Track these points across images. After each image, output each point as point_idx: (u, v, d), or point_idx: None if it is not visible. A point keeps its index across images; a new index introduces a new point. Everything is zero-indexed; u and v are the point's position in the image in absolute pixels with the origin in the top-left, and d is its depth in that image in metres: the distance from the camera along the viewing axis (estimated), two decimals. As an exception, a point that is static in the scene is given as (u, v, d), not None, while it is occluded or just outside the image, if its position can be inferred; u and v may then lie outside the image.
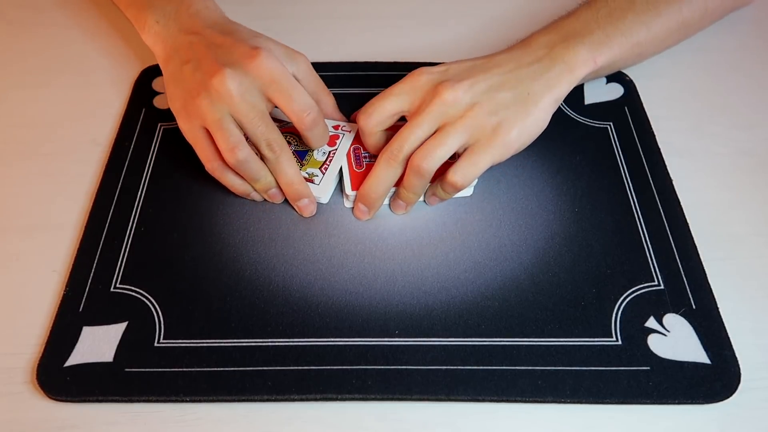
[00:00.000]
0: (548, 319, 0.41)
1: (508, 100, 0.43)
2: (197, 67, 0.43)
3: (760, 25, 0.61)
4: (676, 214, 0.46)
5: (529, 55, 0.45)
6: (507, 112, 0.42)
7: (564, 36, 0.46)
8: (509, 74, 0.44)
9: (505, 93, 0.43)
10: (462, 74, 0.43)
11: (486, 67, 0.44)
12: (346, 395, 0.38)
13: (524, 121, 0.43)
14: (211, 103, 0.41)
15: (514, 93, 0.43)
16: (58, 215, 0.46)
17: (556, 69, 0.44)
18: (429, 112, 0.42)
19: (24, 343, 0.40)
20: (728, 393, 0.38)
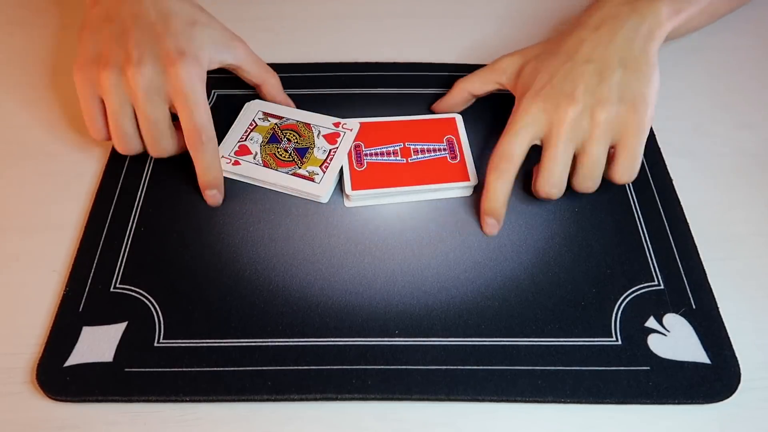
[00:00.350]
0: (548, 319, 0.41)
1: (622, 78, 0.42)
2: (118, 37, 0.43)
3: (760, 25, 0.61)
4: (676, 214, 0.46)
5: (614, 18, 0.44)
6: (631, 91, 0.42)
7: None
8: (609, 50, 0.42)
9: (616, 74, 0.42)
10: (567, 78, 0.42)
11: (584, 54, 0.43)
12: (346, 395, 0.38)
13: (649, 86, 0.42)
14: (116, 86, 0.42)
15: (624, 67, 0.42)
16: (58, 215, 0.46)
17: (647, 24, 0.43)
18: (563, 141, 0.41)
19: (24, 343, 0.40)
20: (728, 393, 0.38)
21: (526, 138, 0.42)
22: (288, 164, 0.46)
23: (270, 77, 0.50)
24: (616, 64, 0.42)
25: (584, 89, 0.41)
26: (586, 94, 0.41)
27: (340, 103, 0.52)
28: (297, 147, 0.47)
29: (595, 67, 0.42)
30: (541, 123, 0.42)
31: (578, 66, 0.42)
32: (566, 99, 0.41)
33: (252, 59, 0.49)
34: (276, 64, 0.55)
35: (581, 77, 0.42)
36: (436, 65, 0.56)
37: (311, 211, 0.46)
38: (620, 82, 0.42)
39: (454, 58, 0.57)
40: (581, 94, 0.41)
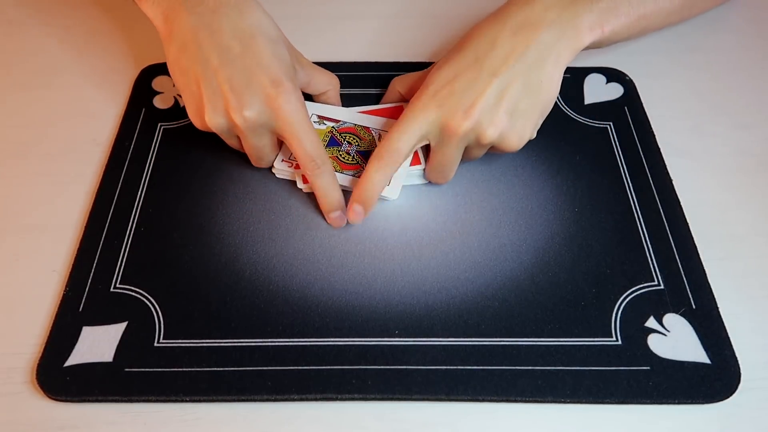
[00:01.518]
0: (548, 319, 0.41)
1: (518, 97, 0.42)
2: (207, 75, 0.42)
3: (760, 25, 0.61)
4: (676, 214, 0.46)
5: (536, 22, 0.43)
6: (521, 112, 0.42)
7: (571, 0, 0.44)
8: (516, 66, 0.42)
9: (514, 92, 0.42)
10: (469, 89, 0.42)
11: (492, 65, 0.42)
12: (345, 395, 0.38)
13: (538, 111, 0.43)
14: (220, 128, 0.43)
15: (525, 87, 0.42)
16: (58, 215, 0.46)
17: (565, 38, 0.43)
18: (452, 147, 0.43)
19: (24, 343, 0.40)
20: (728, 393, 0.38)
21: (415, 137, 0.43)
22: (353, 167, 0.46)
23: (335, 81, 0.50)
24: (519, 84, 0.42)
25: (482, 107, 0.41)
26: (482, 112, 0.41)
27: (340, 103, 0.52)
28: (359, 150, 0.47)
29: (499, 85, 0.42)
30: (434, 127, 0.42)
31: (483, 78, 0.42)
32: (463, 113, 0.41)
33: (317, 70, 0.48)
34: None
35: (482, 92, 0.41)
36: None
37: (311, 211, 0.46)
38: (516, 103, 0.42)
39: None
40: (478, 112, 0.41)
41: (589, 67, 0.56)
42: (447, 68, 0.43)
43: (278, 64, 0.42)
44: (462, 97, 0.42)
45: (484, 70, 0.42)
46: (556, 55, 0.43)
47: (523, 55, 0.42)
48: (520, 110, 0.42)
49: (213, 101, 0.42)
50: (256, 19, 0.43)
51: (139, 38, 0.59)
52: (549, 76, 0.43)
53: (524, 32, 0.43)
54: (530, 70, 0.42)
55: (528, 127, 0.43)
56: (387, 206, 0.46)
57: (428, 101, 0.42)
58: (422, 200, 0.47)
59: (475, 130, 0.42)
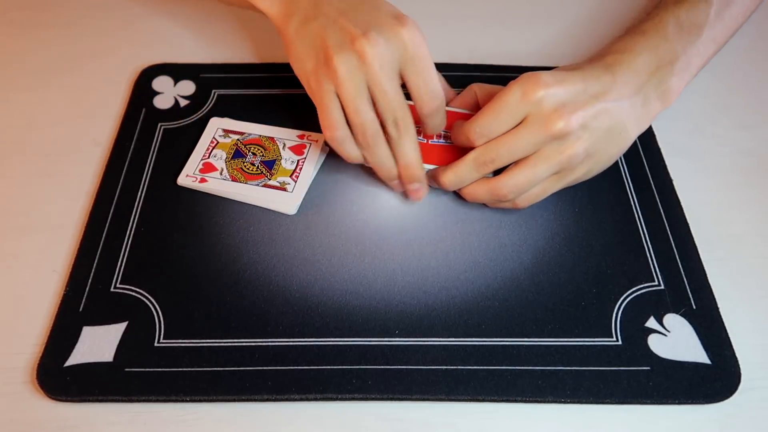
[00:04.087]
0: (548, 319, 0.41)
1: (603, 133, 0.41)
2: (329, 25, 0.40)
3: (760, 25, 0.61)
4: (677, 214, 0.46)
5: (633, 80, 0.43)
6: (599, 151, 0.42)
7: (659, 59, 0.44)
8: (614, 104, 0.41)
9: (603, 124, 0.41)
10: (578, 102, 0.40)
11: (600, 93, 0.41)
12: (346, 395, 0.38)
13: (610, 160, 0.43)
14: (350, 71, 0.39)
15: (611, 127, 0.42)
16: (58, 215, 0.46)
17: (652, 103, 0.43)
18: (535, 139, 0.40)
19: (24, 343, 0.40)
20: (728, 393, 0.38)
21: (507, 120, 0.40)
22: (257, 177, 0.47)
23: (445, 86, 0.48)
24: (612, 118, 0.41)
25: (579, 118, 0.40)
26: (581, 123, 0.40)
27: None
28: (264, 160, 0.47)
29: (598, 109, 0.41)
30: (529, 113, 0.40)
31: (587, 95, 0.41)
32: (560, 115, 0.39)
33: None
34: (276, 64, 0.55)
35: (584, 105, 0.40)
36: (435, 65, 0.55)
37: (311, 211, 0.46)
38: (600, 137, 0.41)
39: (454, 58, 0.57)
40: (581, 120, 0.40)
41: (589, 67, 0.56)
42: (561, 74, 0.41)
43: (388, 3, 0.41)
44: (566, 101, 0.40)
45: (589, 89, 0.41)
46: (640, 117, 0.43)
47: (622, 100, 0.42)
48: (596, 147, 0.41)
49: (337, 40, 0.39)
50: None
51: (139, 38, 0.59)
52: (628, 131, 0.43)
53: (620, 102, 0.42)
54: (617, 114, 0.42)
55: (596, 168, 0.43)
56: (387, 206, 0.46)
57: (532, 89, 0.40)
58: (422, 200, 0.47)
59: (562, 135, 0.40)
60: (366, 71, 0.39)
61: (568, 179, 0.42)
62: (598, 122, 0.41)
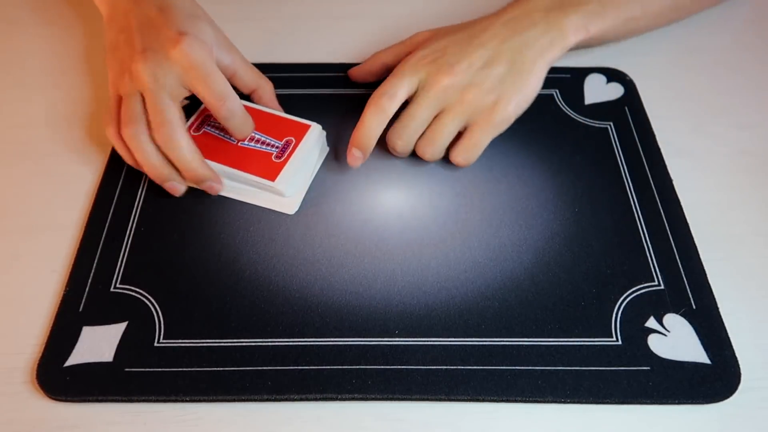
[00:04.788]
0: (548, 319, 0.41)
1: (503, 73, 0.45)
2: (127, 41, 0.44)
3: (759, 25, 0.61)
4: (676, 214, 0.46)
5: (525, 18, 0.47)
6: (503, 87, 0.45)
7: (561, 2, 0.48)
8: (504, 44, 0.46)
9: (500, 67, 0.45)
10: (458, 53, 0.45)
11: (482, 40, 0.46)
12: (345, 395, 0.38)
13: (520, 92, 0.46)
14: (130, 84, 0.43)
15: (510, 64, 0.45)
16: (58, 215, 0.46)
17: (550, 35, 0.46)
18: (427, 100, 0.45)
19: (24, 343, 0.40)
20: (728, 393, 0.38)
21: (409, 85, 0.45)
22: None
23: (264, 83, 0.49)
24: (504, 59, 0.45)
25: (466, 67, 0.45)
26: (466, 71, 0.45)
27: (339, 103, 0.53)
28: None
29: (485, 54, 0.45)
30: (421, 78, 0.45)
31: (472, 47, 0.45)
32: (448, 68, 0.44)
33: (247, 65, 0.48)
34: (276, 64, 0.55)
35: (469, 56, 0.45)
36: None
37: (311, 211, 0.46)
38: (500, 76, 0.45)
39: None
40: (462, 70, 0.44)
41: (590, 67, 0.56)
42: (439, 41, 0.47)
43: (191, 27, 0.43)
44: (450, 59, 0.45)
45: (474, 42, 0.46)
46: (540, 48, 0.46)
47: (511, 39, 0.46)
48: (503, 84, 0.45)
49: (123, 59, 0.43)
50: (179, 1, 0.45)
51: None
52: (533, 63, 0.46)
53: (512, 24, 0.47)
54: (516, 52, 0.45)
55: (507, 104, 0.45)
56: (387, 206, 0.46)
57: (419, 60, 0.46)
58: (422, 200, 0.47)
59: (456, 86, 0.44)
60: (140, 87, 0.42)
61: (491, 128, 0.45)
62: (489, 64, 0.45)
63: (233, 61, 0.47)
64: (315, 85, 0.54)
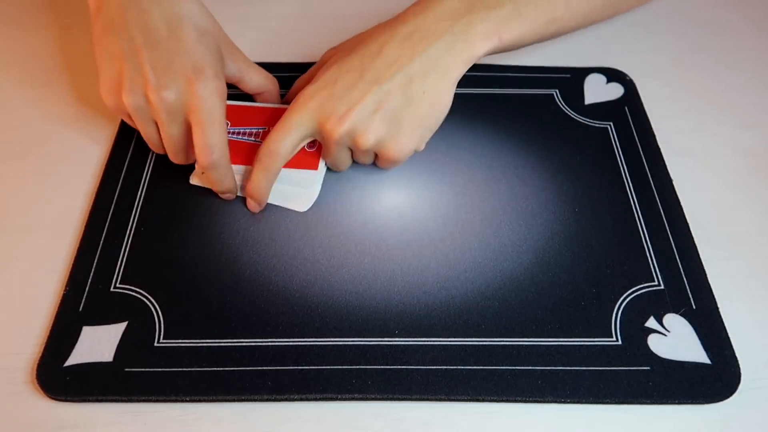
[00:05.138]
0: (548, 319, 0.41)
1: (399, 109, 0.42)
2: (130, 56, 0.41)
3: (759, 25, 0.61)
4: (676, 214, 0.46)
5: (427, 32, 0.42)
6: (400, 125, 0.42)
7: (470, 4, 0.42)
8: (400, 74, 0.41)
9: (395, 104, 0.42)
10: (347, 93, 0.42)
11: (375, 72, 0.42)
12: (345, 395, 0.38)
13: (421, 125, 0.43)
14: (138, 109, 0.42)
15: (405, 100, 0.42)
16: (58, 215, 0.46)
17: (455, 50, 0.42)
18: (334, 149, 0.43)
19: (24, 343, 0.40)
20: (728, 393, 0.38)
21: (294, 139, 0.43)
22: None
23: (271, 84, 0.49)
24: (399, 94, 0.42)
25: (358, 113, 0.41)
26: (358, 118, 0.41)
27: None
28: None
29: (378, 93, 0.41)
30: (312, 128, 0.43)
31: (363, 84, 0.42)
32: (338, 118, 0.41)
33: (253, 68, 0.48)
34: (276, 64, 0.55)
35: (360, 99, 0.41)
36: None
37: (311, 211, 0.46)
38: (395, 113, 0.42)
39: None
40: (352, 118, 0.41)
41: (590, 67, 0.56)
42: (331, 71, 0.43)
43: (203, 52, 0.42)
44: (339, 102, 0.41)
45: (365, 76, 0.42)
46: (443, 68, 0.42)
47: (407, 66, 0.42)
48: (400, 120, 0.42)
49: (132, 79, 0.41)
50: (186, 8, 0.43)
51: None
52: (434, 89, 0.42)
53: (411, 42, 0.42)
54: (412, 81, 0.42)
55: (409, 139, 0.43)
56: (387, 206, 0.46)
57: (306, 102, 0.42)
58: (422, 200, 0.47)
59: (350, 135, 0.42)
60: (153, 115, 0.43)
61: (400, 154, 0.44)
62: (386, 100, 0.41)
63: (239, 69, 0.47)
64: (315, 85, 0.54)
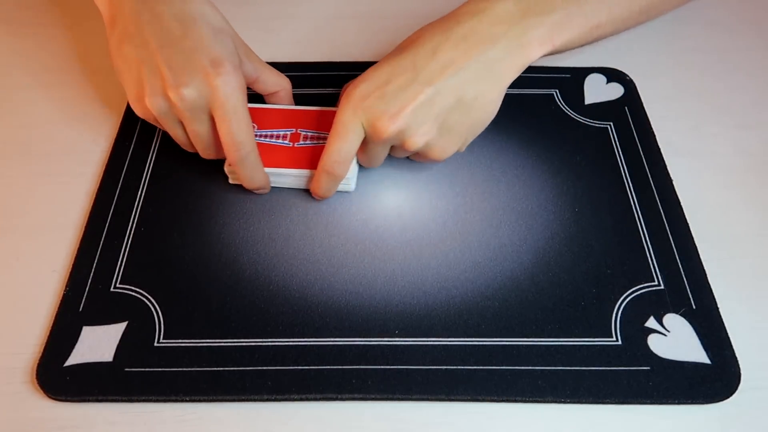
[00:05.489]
0: (548, 319, 0.41)
1: (450, 110, 0.41)
2: (147, 59, 0.41)
3: (759, 25, 0.61)
4: (676, 214, 0.46)
5: (484, 34, 0.41)
6: (450, 127, 0.42)
7: (524, 8, 0.42)
8: (455, 77, 0.41)
9: (447, 104, 0.41)
10: (400, 92, 0.41)
11: (429, 73, 0.41)
12: (346, 395, 0.38)
13: (469, 130, 0.43)
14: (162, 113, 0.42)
15: (459, 101, 0.41)
16: (58, 215, 0.46)
17: (511, 55, 0.41)
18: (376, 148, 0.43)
19: (24, 343, 0.40)
20: (728, 393, 0.38)
21: (354, 142, 0.42)
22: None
23: (285, 83, 0.49)
24: (452, 97, 0.41)
25: (410, 113, 0.40)
26: (410, 118, 0.41)
27: (340, 103, 0.52)
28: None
29: (431, 94, 0.40)
30: (363, 123, 0.41)
31: (417, 85, 0.40)
32: (390, 117, 0.40)
33: (267, 68, 0.48)
34: (276, 64, 0.55)
35: (413, 99, 0.40)
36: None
37: (311, 211, 0.46)
38: (447, 116, 0.41)
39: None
40: (405, 117, 0.40)
41: (590, 67, 0.56)
42: (382, 70, 0.42)
43: (220, 47, 0.42)
44: (392, 101, 0.40)
45: (419, 77, 0.41)
46: (497, 74, 0.42)
47: (462, 69, 0.41)
48: (450, 124, 0.42)
49: (152, 82, 0.41)
50: (198, 7, 0.43)
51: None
52: (485, 94, 0.42)
53: (467, 45, 0.41)
54: (466, 85, 0.41)
55: (455, 142, 0.43)
56: (387, 206, 0.46)
57: (359, 102, 0.41)
58: (422, 200, 0.47)
59: (400, 135, 0.41)
60: (177, 114, 0.42)
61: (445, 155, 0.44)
62: (437, 103, 0.41)
63: (255, 68, 0.46)
64: (315, 85, 0.54)
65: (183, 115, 0.41)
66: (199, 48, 0.41)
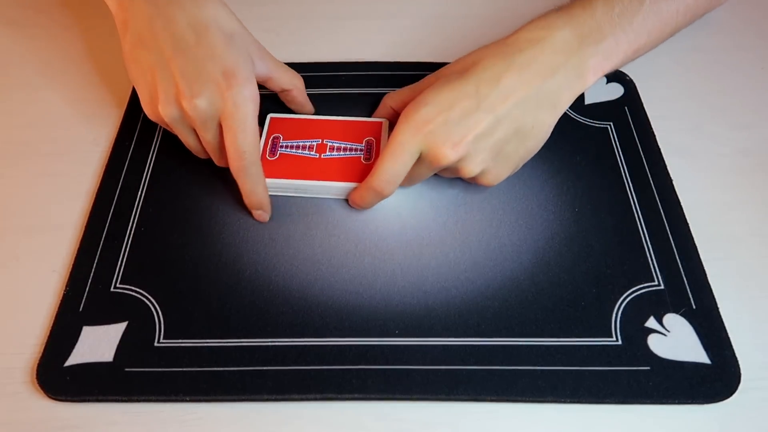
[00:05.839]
0: (548, 319, 0.41)
1: (508, 139, 0.42)
2: (161, 66, 0.41)
3: (759, 25, 0.61)
4: (676, 214, 0.46)
5: (545, 63, 0.41)
6: (508, 150, 0.42)
7: (580, 37, 0.42)
8: (518, 107, 0.41)
9: (505, 132, 0.41)
10: (463, 119, 0.40)
11: (492, 100, 0.41)
12: (346, 395, 0.38)
13: (524, 158, 0.44)
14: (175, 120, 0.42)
15: (517, 130, 0.42)
16: (58, 215, 0.46)
17: (570, 84, 0.42)
18: (427, 170, 0.43)
19: (24, 343, 0.40)
20: (728, 393, 0.38)
21: (408, 164, 0.42)
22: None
23: (298, 82, 0.49)
24: (512, 126, 0.41)
25: (471, 142, 0.41)
26: (471, 147, 0.41)
27: (340, 103, 0.52)
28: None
29: (493, 123, 0.41)
30: (421, 149, 0.41)
31: (480, 113, 0.41)
32: (452, 145, 0.40)
33: (281, 67, 0.48)
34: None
35: (474, 128, 0.40)
36: (435, 65, 0.56)
37: (311, 211, 0.46)
38: (504, 144, 0.42)
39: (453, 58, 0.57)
40: (466, 146, 0.41)
41: (589, 67, 0.56)
42: (445, 93, 0.41)
43: (233, 56, 0.42)
44: (454, 129, 0.41)
45: (482, 105, 0.41)
46: (555, 103, 0.42)
47: (525, 98, 0.41)
48: (506, 152, 0.42)
49: (166, 90, 0.41)
50: (212, 11, 0.43)
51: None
52: (542, 123, 0.42)
53: (530, 75, 0.41)
54: (525, 113, 0.41)
55: (509, 169, 0.44)
56: (387, 206, 0.46)
57: (420, 127, 0.41)
58: (422, 200, 0.47)
59: (458, 162, 0.42)
60: (189, 123, 0.43)
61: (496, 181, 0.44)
62: (495, 132, 0.41)
63: (268, 68, 0.47)
64: (315, 85, 0.54)
65: (195, 124, 0.42)
66: (212, 57, 0.41)
